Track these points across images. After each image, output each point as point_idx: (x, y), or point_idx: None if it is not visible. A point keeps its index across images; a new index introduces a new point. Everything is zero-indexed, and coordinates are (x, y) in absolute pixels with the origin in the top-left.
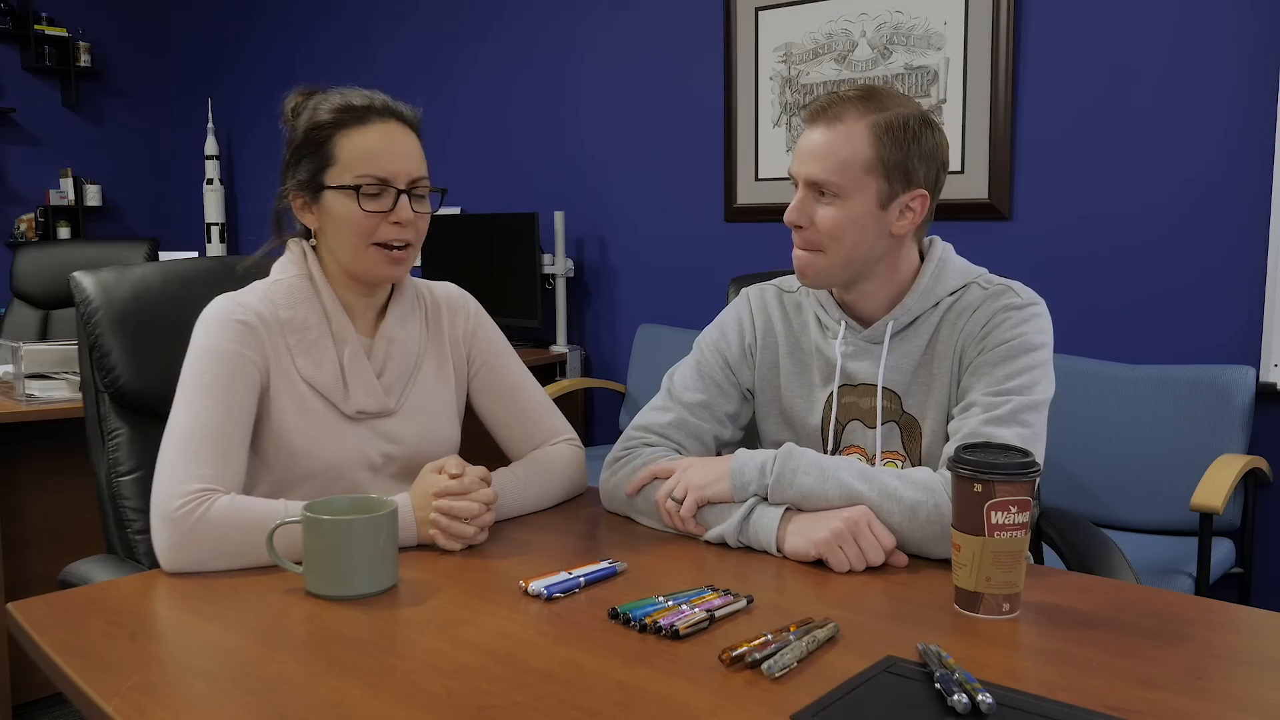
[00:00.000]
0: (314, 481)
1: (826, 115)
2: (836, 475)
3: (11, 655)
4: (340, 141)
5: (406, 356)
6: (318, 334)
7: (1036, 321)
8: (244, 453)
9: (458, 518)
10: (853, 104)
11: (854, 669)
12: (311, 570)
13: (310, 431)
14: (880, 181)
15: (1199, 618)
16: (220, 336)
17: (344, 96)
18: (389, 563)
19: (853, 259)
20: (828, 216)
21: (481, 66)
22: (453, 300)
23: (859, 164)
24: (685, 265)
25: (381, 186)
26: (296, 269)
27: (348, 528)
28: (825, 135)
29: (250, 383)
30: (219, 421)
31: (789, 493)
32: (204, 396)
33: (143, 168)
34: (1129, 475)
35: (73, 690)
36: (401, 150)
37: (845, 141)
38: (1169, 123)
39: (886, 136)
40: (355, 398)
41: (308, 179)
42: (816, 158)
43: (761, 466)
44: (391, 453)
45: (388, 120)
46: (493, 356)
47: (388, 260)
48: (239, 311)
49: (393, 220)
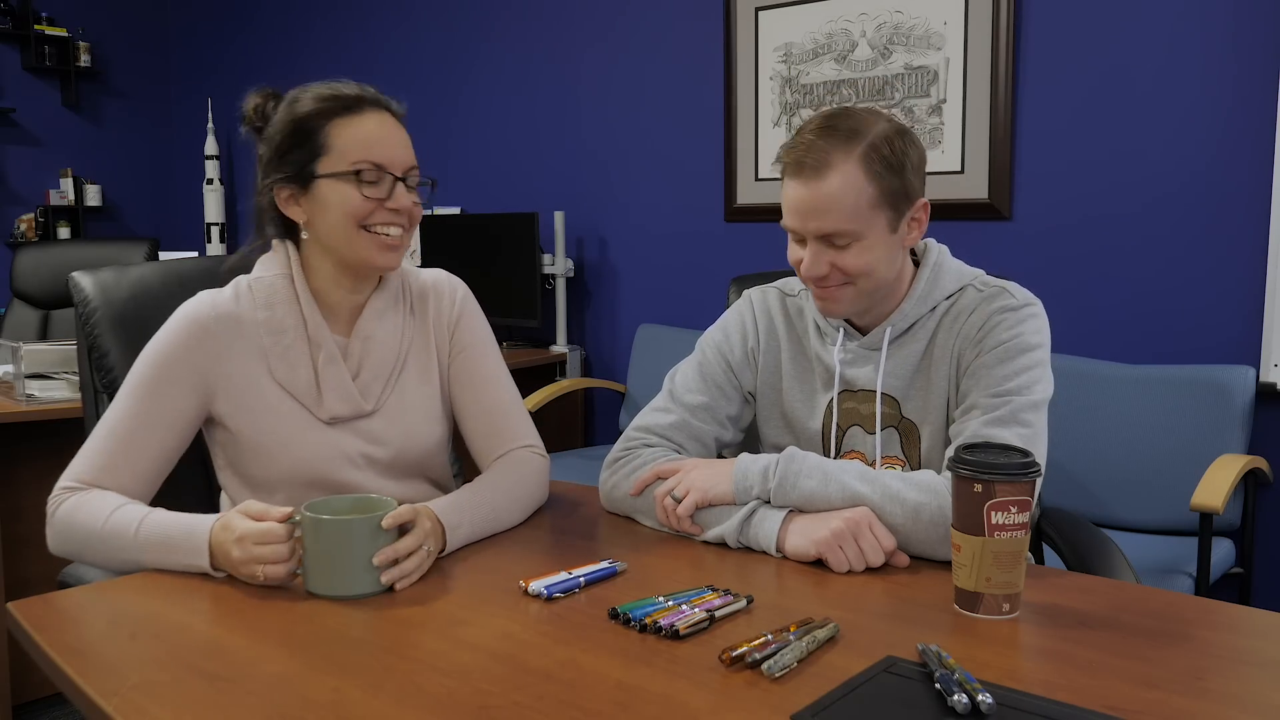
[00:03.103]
0: (295, 483)
1: (811, 164)
2: (839, 478)
3: (11, 655)
4: (332, 130)
5: (386, 354)
6: (294, 337)
7: (1033, 322)
8: (156, 455)
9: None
10: (834, 144)
11: (854, 669)
12: (312, 570)
13: (281, 433)
14: (888, 211)
15: (1199, 618)
16: (170, 340)
17: (331, 88)
18: (365, 568)
19: (878, 285)
20: (850, 259)
21: (482, 66)
22: (439, 285)
23: (865, 205)
24: (685, 265)
25: (379, 173)
26: (279, 268)
27: (347, 528)
28: (821, 186)
29: (185, 388)
30: (127, 425)
31: (792, 496)
32: (128, 398)
33: (143, 168)
34: (1129, 475)
35: (73, 690)
36: (397, 139)
37: (844, 188)
38: (1169, 122)
39: (880, 167)
40: (329, 403)
41: (296, 171)
42: (821, 212)
43: (764, 470)
44: (373, 454)
45: (380, 110)
46: (472, 345)
47: (383, 247)
48: (207, 311)
49: (389, 206)
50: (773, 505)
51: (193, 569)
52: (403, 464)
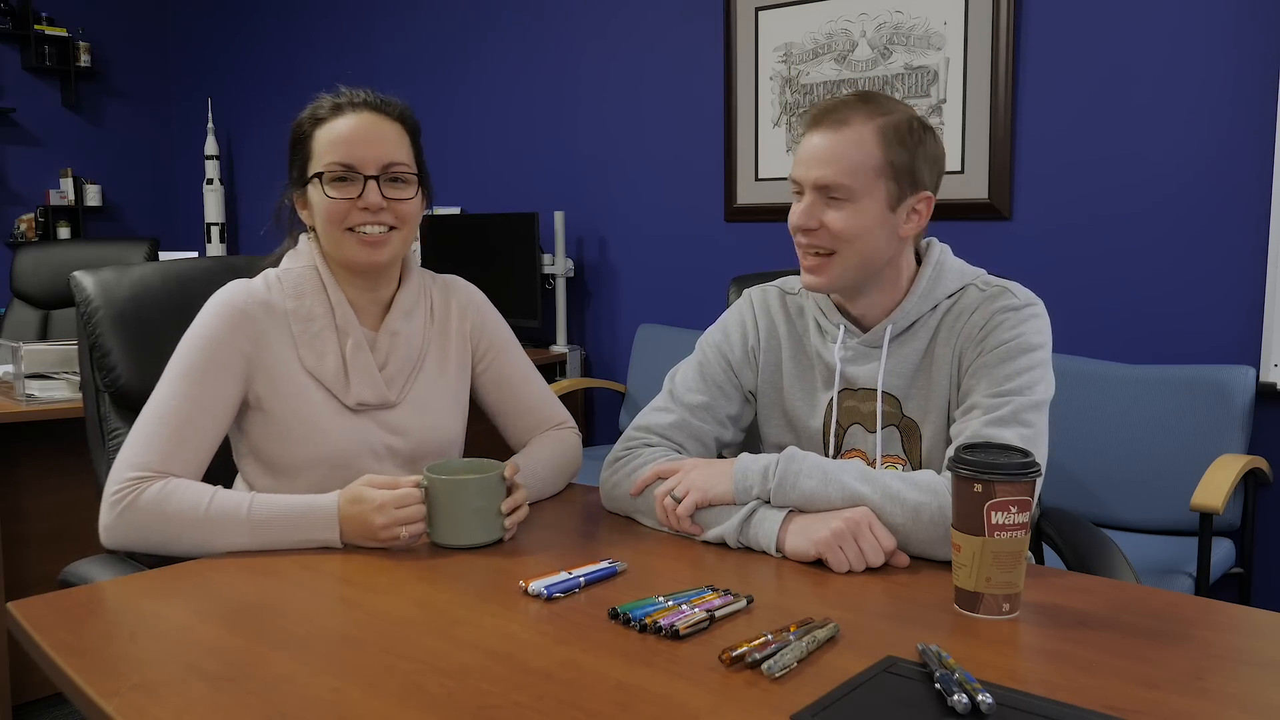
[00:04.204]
0: (319, 468)
1: (831, 119)
2: (839, 478)
3: (11, 655)
4: (316, 135)
5: (410, 349)
6: (322, 325)
7: (1034, 322)
8: (208, 440)
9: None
10: (857, 108)
11: (854, 669)
12: (444, 526)
13: (309, 420)
14: (890, 184)
15: (1199, 618)
16: (214, 324)
17: (330, 96)
18: (494, 518)
19: (864, 262)
20: (839, 219)
21: (482, 66)
22: (459, 293)
23: (870, 166)
24: (685, 265)
25: (347, 172)
26: (305, 260)
27: (484, 484)
28: (832, 139)
29: (232, 373)
30: (184, 410)
31: (792, 496)
32: (178, 383)
33: (143, 168)
34: (1129, 475)
35: (73, 690)
36: (369, 136)
37: (855, 144)
38: (1169, 122)
39: (894, 139)
40: (356, 389)
41: (297, 176)
42: (825, 161)
43: (764, 470)
44: (395, 444)
45: (360, 111)
46: (499, 351)
47: (363, 244)
48: (242, 298)
49: (360, 205)
50: (772, 505)
51: (315, 544)
52: (421, 456)
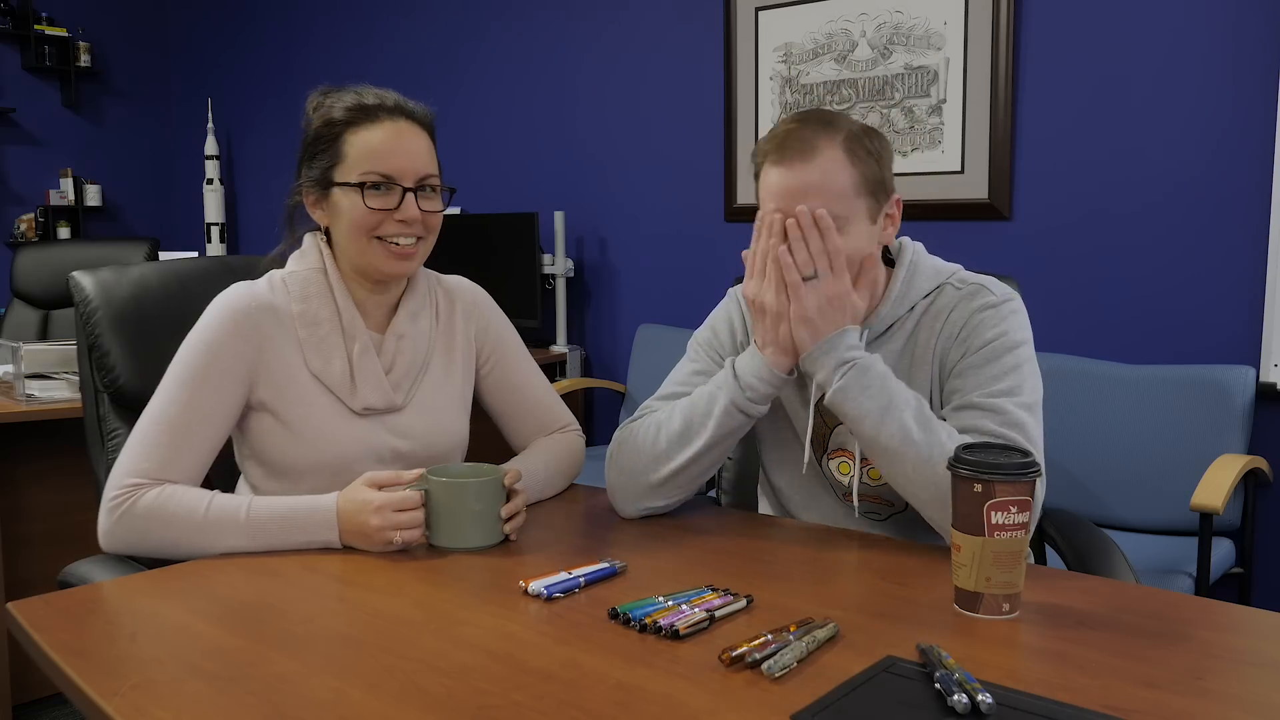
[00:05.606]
0: (323, 472)
1: (800, 150)
2: (899, 415)
3: (11, 655)
4: (349, 139)
5: (416, 353)
6: (329, 329)
7: (1014, 318)
8: (207, 447)
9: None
10: (818, 130)
11: (854, 669)
12: (445, 529)
13: (315, 424)
14: (869, 200)
15: (1199, 618)
16: (215, 328)
17: (357, 95)
18: (493, 522)
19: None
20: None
21: (482, 66)
22: (465, 295)
23: (850, 189)
24: (685, 265)
25: (387, 183)
26: (312, 262)
27: (484, 487)
28: (808, 169)
29: (233, 378)
30: (184, 417)
31: (847, 407)
32: (178, 389)
33: (143, 168)
34: (1129, 475)
35: (73, 690)
36: (409, 148)
37: (832, 170)
38: (1169, 122)
39: (860, 153)
40: (363, 394)
41: (319, 175)
42: (810, 194)
43: (837, 365)
44: (400, 448)
45: (397, 119)
46: (505, 354)
47: (393, 256)
48: (247, 301)
49: (398, 218)
50: (827, 401)
51: (316, 545)
52: (427, 459)
